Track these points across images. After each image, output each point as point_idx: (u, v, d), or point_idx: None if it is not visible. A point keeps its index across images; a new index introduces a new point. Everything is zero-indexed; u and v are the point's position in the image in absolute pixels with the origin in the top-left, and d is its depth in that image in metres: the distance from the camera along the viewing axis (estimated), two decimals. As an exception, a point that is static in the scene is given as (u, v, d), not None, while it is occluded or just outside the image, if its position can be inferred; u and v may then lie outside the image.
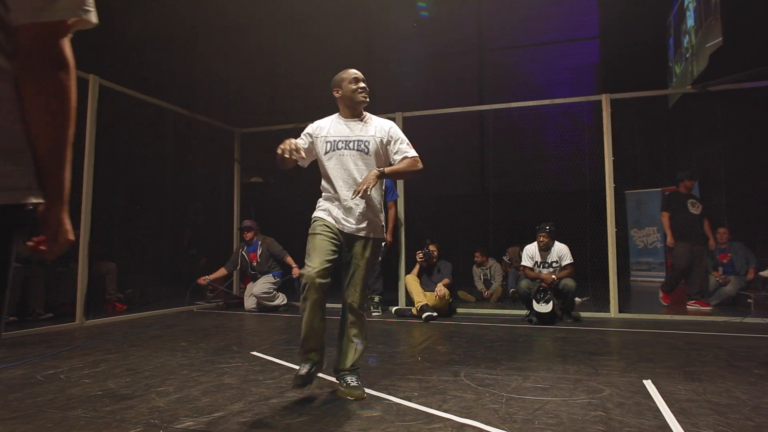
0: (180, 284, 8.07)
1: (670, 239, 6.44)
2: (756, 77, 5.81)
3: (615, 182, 6.11)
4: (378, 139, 2.94)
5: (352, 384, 2.85)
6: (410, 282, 6.23)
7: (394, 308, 6.42)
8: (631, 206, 10.98)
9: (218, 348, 4.19)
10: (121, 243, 7.01)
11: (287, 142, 2.69)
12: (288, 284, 6.87)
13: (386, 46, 13.35)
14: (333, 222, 2.89)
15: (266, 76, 13.69)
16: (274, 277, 6.78)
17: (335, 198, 2.92)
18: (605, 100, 6.23)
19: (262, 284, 6.68)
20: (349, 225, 2.88)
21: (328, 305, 2.80)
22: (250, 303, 6.76)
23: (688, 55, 8.00)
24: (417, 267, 6.37)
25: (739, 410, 2.53)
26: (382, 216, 3.04)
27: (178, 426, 2.35)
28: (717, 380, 3.09)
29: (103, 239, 6.34)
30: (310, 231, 2.89)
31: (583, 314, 5.95)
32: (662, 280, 10.30)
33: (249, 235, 6.93)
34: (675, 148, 10.48)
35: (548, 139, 11.45)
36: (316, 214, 2.95)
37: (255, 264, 6.91)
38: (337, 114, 3.08)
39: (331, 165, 2.92)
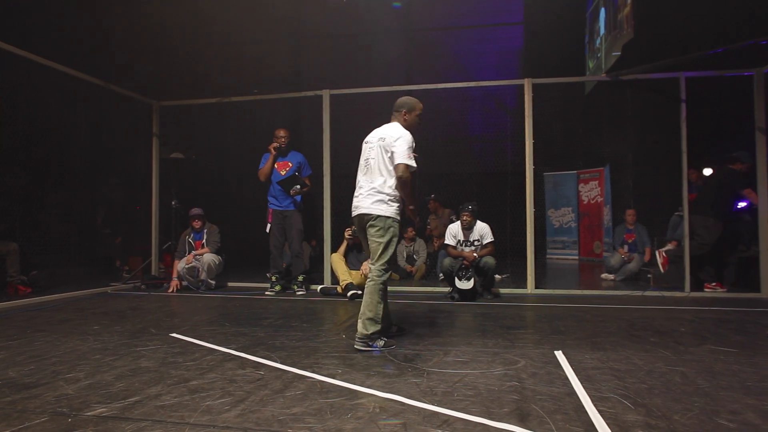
0: (93, 265, 7.62)
1: None
2: (662, 68, 6.24)
3: (534, 164, 6.38)
4: None
5: None
6: (335, 260, 6.24)
7: (320, 287, 6.41)
8: (549, 187, 11.56)
9: (135, 331, 4.01)
10: (24, 222, 6.49)
11: None
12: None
13: (318, 21, 13.04)
14: None
15: (190, 46, 12.98)
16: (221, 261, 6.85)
17: None
18: (527, 84, 6.45)
19: (212, 256, 6.68)
20: None
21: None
22: (183, 266, 6.61)
23: (599, 55, 8.39)
24: (344, 245, 6.38)
25: (636, 375, 2.76)
26: None
27: (89, 413, 2.23)
28: (618, 349, 3.35)
29: (3, 218, 5.84)
30: (395, 234, 3.60)
31: (502, 290, 6.23)
32: (575, 258, 11.02)
33: (198, 224, 6.86)
34: (589, 133, 11.07)
35: (474, 120, 11.72)
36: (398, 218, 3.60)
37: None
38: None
39: None
